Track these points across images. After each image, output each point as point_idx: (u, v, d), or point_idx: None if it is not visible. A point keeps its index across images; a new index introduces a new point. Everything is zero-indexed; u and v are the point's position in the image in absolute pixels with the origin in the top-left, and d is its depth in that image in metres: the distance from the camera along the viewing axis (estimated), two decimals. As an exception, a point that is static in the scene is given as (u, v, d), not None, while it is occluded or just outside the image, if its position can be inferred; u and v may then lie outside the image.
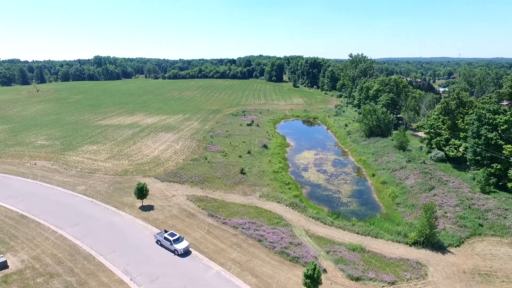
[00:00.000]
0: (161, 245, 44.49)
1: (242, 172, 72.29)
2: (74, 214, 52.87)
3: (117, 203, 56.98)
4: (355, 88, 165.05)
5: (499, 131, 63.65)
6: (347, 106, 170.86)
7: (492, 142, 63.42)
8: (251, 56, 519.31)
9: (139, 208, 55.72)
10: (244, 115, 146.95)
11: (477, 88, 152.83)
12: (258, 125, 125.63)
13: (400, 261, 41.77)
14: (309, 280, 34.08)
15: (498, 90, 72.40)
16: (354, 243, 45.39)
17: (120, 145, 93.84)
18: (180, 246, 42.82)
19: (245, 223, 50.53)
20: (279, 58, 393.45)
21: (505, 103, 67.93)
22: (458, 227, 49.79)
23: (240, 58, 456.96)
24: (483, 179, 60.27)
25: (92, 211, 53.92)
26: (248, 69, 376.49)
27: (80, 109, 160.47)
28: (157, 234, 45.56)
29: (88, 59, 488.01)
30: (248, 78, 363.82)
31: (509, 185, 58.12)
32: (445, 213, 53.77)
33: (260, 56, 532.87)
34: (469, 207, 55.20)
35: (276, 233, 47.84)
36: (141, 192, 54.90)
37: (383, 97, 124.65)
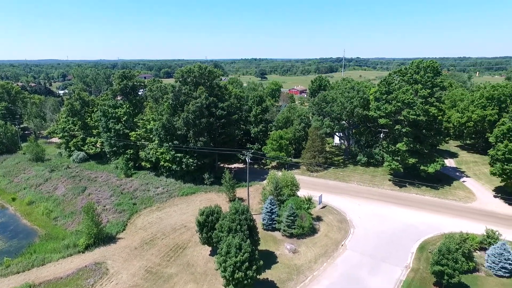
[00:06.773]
0: None
1: None
2: None
3: None
4: None
5: (123, 122, 74.06)
6: None
7: (121, 133, 72.96)
8: None
9: None
10: None
11: (93, 87, 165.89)
12: None
13: (79, 272, 39.91)
14: None
15: (111, 88, 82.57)
16: (18, 286, 37.38)
17: None
18: None
19: None
20: None
21: (119, 98, 79.20)
22: (118, 214, 54.56)
23: None
24: (124, 166, 69.28)
25: None
26: None
27: None
28: None
29: None
30: None
31: (143, 164, 70.51)
32: (104, 206, 56.76)
33: None
34: (122, 193, 61.73)
35: None
36: None
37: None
